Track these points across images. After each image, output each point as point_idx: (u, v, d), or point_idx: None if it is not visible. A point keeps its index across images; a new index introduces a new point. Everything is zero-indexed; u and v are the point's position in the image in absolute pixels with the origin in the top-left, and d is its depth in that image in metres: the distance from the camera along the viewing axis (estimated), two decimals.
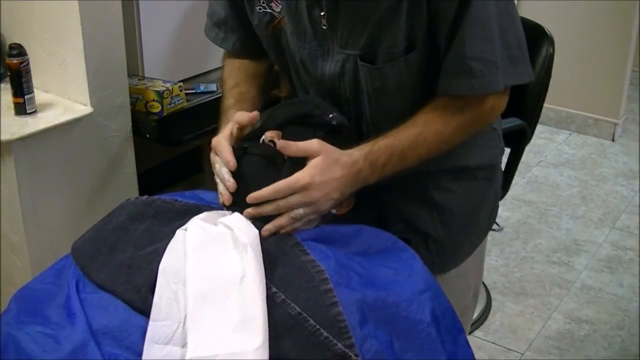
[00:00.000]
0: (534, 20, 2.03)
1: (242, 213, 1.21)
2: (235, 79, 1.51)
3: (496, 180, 1.53)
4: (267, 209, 1.19)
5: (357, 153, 1.25)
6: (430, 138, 1.30)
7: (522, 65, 1.32)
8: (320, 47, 1.34)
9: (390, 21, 1.26)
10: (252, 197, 1.19)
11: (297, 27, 1.35)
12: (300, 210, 1.20)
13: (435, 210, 1.44)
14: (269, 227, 1.20)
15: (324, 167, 1.20)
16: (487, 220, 1.56)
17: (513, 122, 2.01)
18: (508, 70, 1.29)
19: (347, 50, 1.32)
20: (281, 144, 1.21)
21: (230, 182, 1.22)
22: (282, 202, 1.19)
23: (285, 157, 1.25)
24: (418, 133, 1.29)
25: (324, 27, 1.32)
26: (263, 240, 1.16)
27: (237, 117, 1.31)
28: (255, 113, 1.32)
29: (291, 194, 1.19)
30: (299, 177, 1.19)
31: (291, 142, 1.21)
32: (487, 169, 1.49)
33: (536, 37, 1.98)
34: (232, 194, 1.25)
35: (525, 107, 2.05)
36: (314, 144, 1.22)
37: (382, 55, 1.29)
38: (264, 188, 1.19)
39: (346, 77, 1.34)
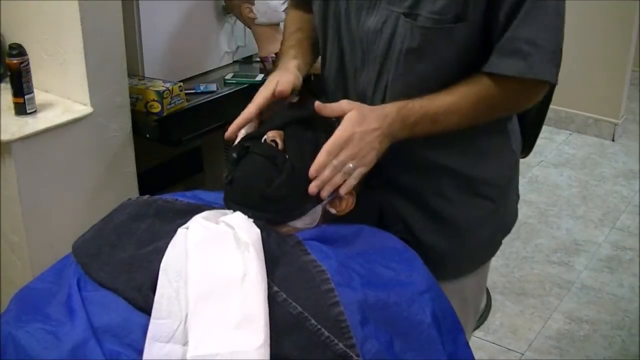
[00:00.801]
0: None
1: (243, 212, 1.21)
2: (297, 24, 1.55)
3: (502, 204, 1.50)
4: (325, 173, 1.22)
5: (389, 107, 1.29)
6: (465, 109, 1.32)
7: (559, 66, 1.34)
8: (368, 0, 1.35)
9: None
10: (313, 170, 1.21)
11: None
12: (350, 165, 1.23)
13: (431, 218, 1.43)
14: (327, 189, 1.23)
15: (359, 119, 1.25)
16: (485, 243, 1.52)
17: None
18: (555, 64, 1.32)
19: (392, 6, 1.32)
20: (318, 105, 1.26)
21: (240, 119, 1.32)
22: (335, 162, 1.22)
23: (286, 157, 1.25)
24: (453, 102, 1.31)
25: None
26: (264, 240, 1.16)
27: (280, 83, 1.35)
28: (288, 85, 1.36)
29: (340, 150, 1.22)
30: (341, 132, 1.23)
31: (326, 104, 1.27)
32: (493, 187, 1.47)
33: None
34: (233, 192, 1.25)
35: (528, 116, 2.02)
36: (343, 103, 1.27)
37: (425, 17, 1.29)
38: (317, 156, 1.22)
39: (383, 35, 1.34)
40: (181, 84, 2.18)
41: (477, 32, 1.30)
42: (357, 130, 1.24)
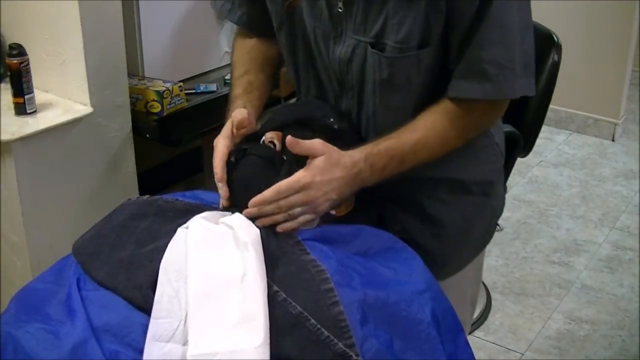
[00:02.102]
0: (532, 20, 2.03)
1: (242, 213, 1.21)
2: (244, 65, 1.50)
3: (494, 196, 1.51)
4: (267, 208, 1.20)
5: (357, 155, 1.26)
6: (432, 142, 1.30)
7: (532, 77, 1.32)
8: (334, 30, 1.33)
9: (406, 13, 1.25)
10: (254, 201, 1.20)
11: (313, 7, 1.35)
12: (298, 209, 1.21)
13: (427, 221, 1.43)
14: (263, 220, 1.20)
15: (324, 167, 1.21)
16: (481, 235, 1.54)
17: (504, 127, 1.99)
18: (523, 78, 1.29)
19: (358, 36, 1.31)
20: (290, 140, 1.21)
21: (222, 190, 1.24)
22: (282, 202, 1.20)
23: (284, 158, 1.25)
24: (419, 137, 1.29)
25: (340, 10, 1.31)
26: (264, 239, 1.16)
27: (235, 115, 1.31)
28: (248, 112, 1.32)
29: (292, 194, 1.20)
30: (300, 177, 1.20)
31: (299, 140, 1.22)
32: (484, 184, 1.47)
33: (543, 42, 1.92)
34: (231, 194, 1.25)
35: (527, 116, 2.03)
36: (317, 144, 1.22)
37: (392, 47, 1.28)
38: (265, 190, 1.19)
39: (354, 64, 1.33)
40: (181, 84, 2.18)
41: (442, 54, 1.29)
42: (317, 180, 1.20)
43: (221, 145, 1.28)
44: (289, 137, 1.22)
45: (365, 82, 1.34)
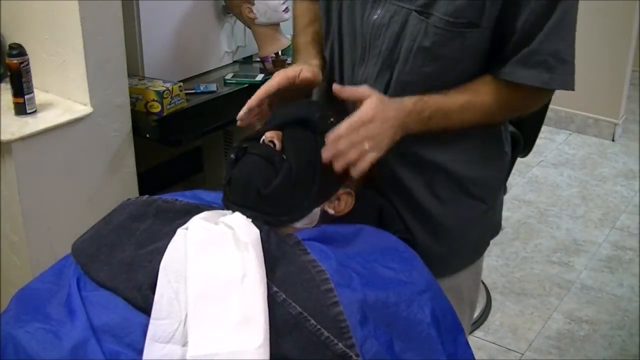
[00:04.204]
0: None
1: (242, 212, 1.21)
2: (308, 17, 1.53)
3: (493, 208, 1.50)
4: (341, 145, 1.23)
5: (406, 100, 1.30)
6: (477, 108, 1.34)
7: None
8: None
9: None
10: (331, 136, 1.23)
11: None
12: (366, 145, 1.24)
13: (422, 216, 1.43)
14: (340, 162, 1.23)
15: (380, 103, 1.26)
16: (474, 244, 1.53)
17: None
18: (574, 74, 1.33)
19: (402, 2, 1.31)
20: (337, 87, 1.28)
21: (249, 104, 1.32)
22: (353, 136, 1.23)
23: (284, 158, 1.25)
24: (468, 99, 1.33)
25: None
26: (264, 240, 1.16)
27: (305, 72, 1.36)
28: (312, 76, 1.37)
29: (361, 127, 1.24)
30: (365, 111, 1.25)
31: (346, 86, 1.30)
32: (485, 188, 1.47)
33: None
34: (231, 192, 1.25)
35: (527, 116, 2.02)
36: (365, 88, 1.29)
37: (439, 17, 1.28)
38: (339, 126, 1.23)
39: (390, 30, 1.33)
40: (181, 84, 2.18)
41: (488, 39, 1.31)
42: (379, 115, 1.25)
43: (275, 80, 1.34)
44: (335, 85, 1.28)
45: (396, 49, 1.34)
